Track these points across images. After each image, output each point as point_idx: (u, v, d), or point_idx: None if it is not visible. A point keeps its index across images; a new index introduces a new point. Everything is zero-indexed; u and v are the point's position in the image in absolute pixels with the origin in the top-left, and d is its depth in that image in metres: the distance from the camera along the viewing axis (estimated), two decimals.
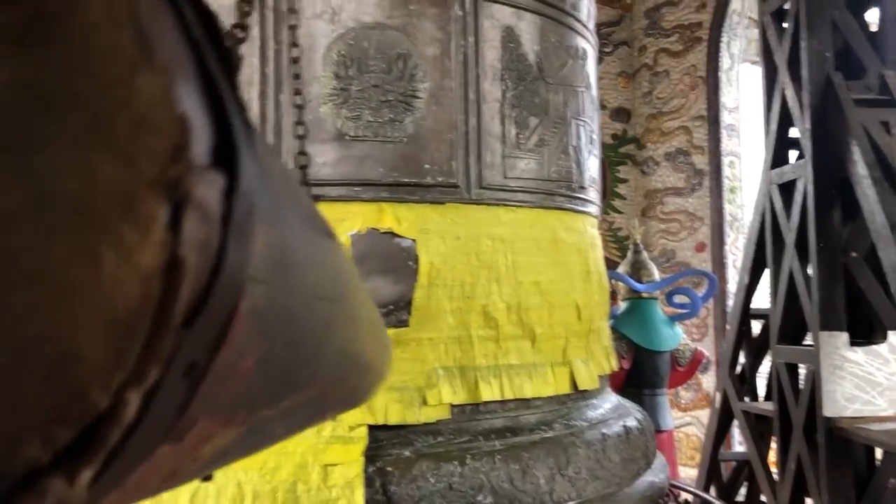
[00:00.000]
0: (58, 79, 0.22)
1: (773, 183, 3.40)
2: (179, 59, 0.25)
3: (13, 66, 0.21)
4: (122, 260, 0.22)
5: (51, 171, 0.22)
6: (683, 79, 6.96)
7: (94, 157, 0.22)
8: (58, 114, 0.22)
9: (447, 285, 2.10)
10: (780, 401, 3.32)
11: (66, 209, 0.22)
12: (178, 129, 0.23)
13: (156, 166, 0.23)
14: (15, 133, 0.21)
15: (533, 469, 2.04)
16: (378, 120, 2.07)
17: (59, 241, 0.22)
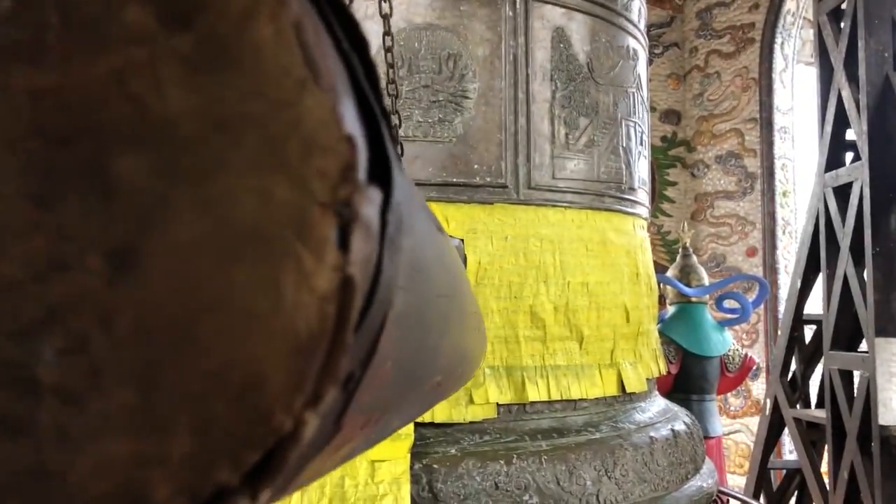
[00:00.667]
0: (231, 103, 0.22)
1: (828, 186, 3.33)
2: (340, 76, 0.25)
3: (188, 92, 0.22)
4: (300, 284, 0.23)
5: (228, 197, 0.22)
6: (735, 80, 6.85)
7: (268, 180, 0.22)
8: (232, 139, 0.22)
9: (494, 285, 2.10)
10: (833, 408, 3.25)
11: (246, 235, 0.22)
12: (346, 150, 0.24)
13: (327, 188, 0.23)
14: (192, 161, 0.22)
15: (579, 470, 2.03)
16: (428, 120, 2.09)
17: (241, 269, 0.22)
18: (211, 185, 0.22)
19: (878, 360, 2.89)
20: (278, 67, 0.23)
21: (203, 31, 0.22)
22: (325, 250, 0.23)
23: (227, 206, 0.22)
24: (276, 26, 0.23)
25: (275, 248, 0.23)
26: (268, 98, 0.23)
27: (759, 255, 6.70)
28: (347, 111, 0.24)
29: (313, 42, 0.23)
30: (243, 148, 0.22)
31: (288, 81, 0.23)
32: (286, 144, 0.23)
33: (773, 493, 4.04)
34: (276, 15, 0.23)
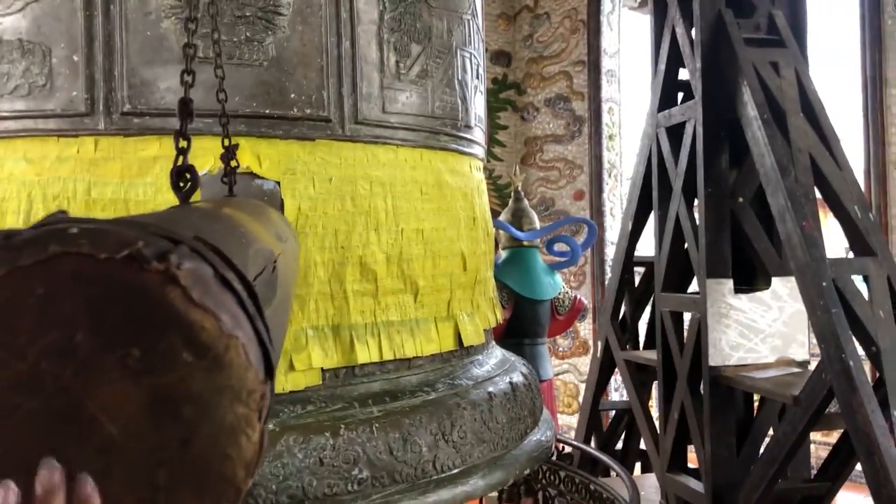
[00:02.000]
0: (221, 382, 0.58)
1: (661, 126, 3.31)
2: (255, 349, 0.61)
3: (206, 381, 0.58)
4: (248, 441, 0.59)
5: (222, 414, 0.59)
6: (564, 22, 6.84)
7: (236, 406, 0.58)
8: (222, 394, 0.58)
9: (318, 234, 1.84)
10: (665, 350, 3.28)
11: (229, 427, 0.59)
12: (262, 388, 0.59)
13: (255, 403, 0.58)
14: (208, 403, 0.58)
15: (414, 436, 1.85)
16: (233, 39, 1.76)
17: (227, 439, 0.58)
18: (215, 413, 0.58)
19: (709, 302, 2.91)
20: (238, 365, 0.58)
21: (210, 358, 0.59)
22: (255, 426, 0.59)
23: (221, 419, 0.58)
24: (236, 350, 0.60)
25: (238, 432, 0.58)
26: (234, 377, 0.58)
27: (586, 198, 6.83)
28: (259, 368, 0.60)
29: (249, 348, 0.59)
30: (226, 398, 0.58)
31: (241, 369, 0.58)
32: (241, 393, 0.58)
33: (602, 434, 4.10)
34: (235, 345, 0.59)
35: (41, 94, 1.70)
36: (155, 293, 0.57)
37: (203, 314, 0.57)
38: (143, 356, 0.56)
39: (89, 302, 0.57)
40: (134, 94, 1.70)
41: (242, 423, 0.58)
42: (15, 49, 1.70)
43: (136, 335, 0.57)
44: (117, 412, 0.57)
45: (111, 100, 1.69)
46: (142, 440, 0.57)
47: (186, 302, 0.57)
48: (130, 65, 1.71)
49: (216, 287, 0.61)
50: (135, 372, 0.56)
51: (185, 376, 0.56)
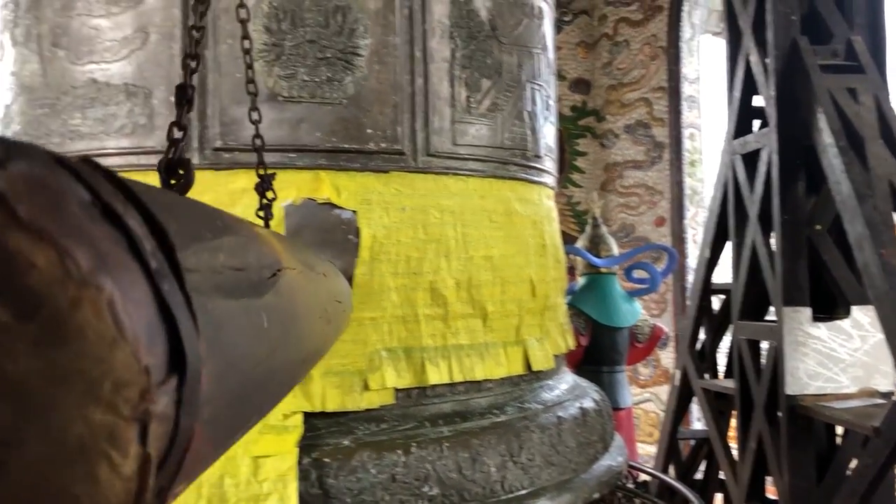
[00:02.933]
0: (64, 364, 0.34)
1: (736, 153, 3.29)
2: (144, 315, 0.38)
3: (34, 359, 0.34)
4: (111, 474, 0.36)
5: (63, 425, 0.35)
6: (644, 49, 6.84)
7: (90, 410, 0.35)
8: (65, 387, 0.35)
9: (391, 260, 1.94)
10: (742, 378, 3.24)
11: (75, 448, 0.35)
12: (143, 380, 0.37)
13: (130, 408, 0.36)
14: (38, 404, 0.34)
15: (483, 456, 1.91)
16: (315, 79, 1.90)
17: (72, 470, 0.35)
18: (51, 419, 0.34)
19: (785, 330, 2.87)
20: (96, 335, 0.35)
21: (44, 320, 0.34)
22: (129, 448, 0.36)
23: (62, 431, 0.34)
24: (94, 307, 0.35)
25: (94, 454, 0.35)
26: (89, 357, 0.35)
27: (667, 224, 6.76)
28: (147, 349, 0.37)
29: (121, 308, 0.36)
30: (73, 393, 0.35)
31: (103, 343, 0.35)
32: (102, 385, 0.35)
33: (681, 463, 4.04)
34: (94, 300, 0.35)
35: (143, 132, 1.86)
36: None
37: (36, 244, 0.34)
38: None
39: None
40: (224, 131, 1.85)
41: (102, 438, 0.36)
42: (121, 92, 1.87)
43: None
44: None
45: (204, 137, 1.84)
46: None
47: (6, 219, 0.34)
48: (222, 104, 1.85)
49: (76, 210, 0.37)
50: None
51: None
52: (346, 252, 1.90)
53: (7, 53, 2.03)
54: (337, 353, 1.87)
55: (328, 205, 1.90)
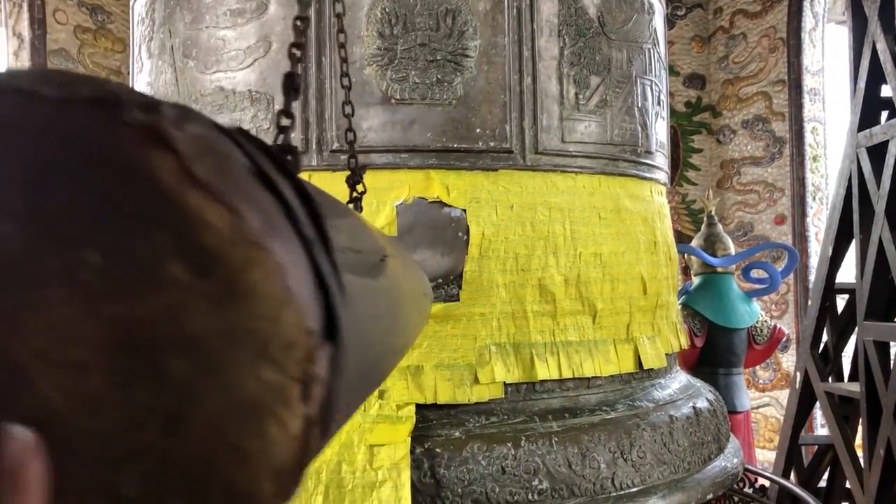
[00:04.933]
0: (237, 323, 0.36)
1: (861, 146, 3.14)
2: (305, 280, 0.39)
3: (210, 316, 0.35)
4: (280, 431, 0.38)
5: (238, 379, 0.36)
6: (762, 41, 6.59)
7: (262, 369, 0.37)
8: (239, 345, 0.36)
9: (500, 257, 1.98)
10: (868, 382, 3.08)
11: (248, 404, 0.37)
12: (309, 342, 0.38)
13: (298, 369, 0.38)
14: (214, 360, 0.36)
15: (593, 453, 1.92)
16: (425, 81, 1.96)
17: (245, 423, 0.37)
18: (226, 376, 0.36)
19: None
20: (267, 296, 0.37)
21: (218, 278, 0.35)
22: (295, 407, 0.38)
23: (236, 388, 0.36)
24: (265, 269, 0.36)
25: (265, 411, 0.37)
26: (261, 317, 0.36)
27: (787, 222, 6.49)
28: (311, 314, 0.39)
29: (290, 273, 0.38)
30: (246, 351, 0.36)
31: (273, 304, 0.37)
32: (272, 345, 0.37)
33: (804, 470, 3.89)
34: (264, 261, 0.36)
35: (265, 137, 1.96)
36: (133, 157, 0.34)
37: (211, 204, 0.35)
38: (106, 264, 0.34)
39: (23, 167, 0.35)
40: (341, 133, 1.93)
41: (272, 397, 0.37)
42: (245, 99, 1.99)
43: (97, 227, 0.34)
44: (60, 362, 0.34)
45: (322, 139, 1.93)
46: (99, 413, 0.35)
47: (183, 178, 0.35)
48: (338, 108, 1.94)
49: (242, 174, 0.38)
50: (91, 291, 0.34)
51: (174, 305, 0.35)
52: (456, 249, 1.95)
53: (144, 66, 2.19)
54: (448, 346, 1.93)
55: (438, 203, 1.95)
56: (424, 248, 1.94)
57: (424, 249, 1.93)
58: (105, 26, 6.23)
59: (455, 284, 1.94)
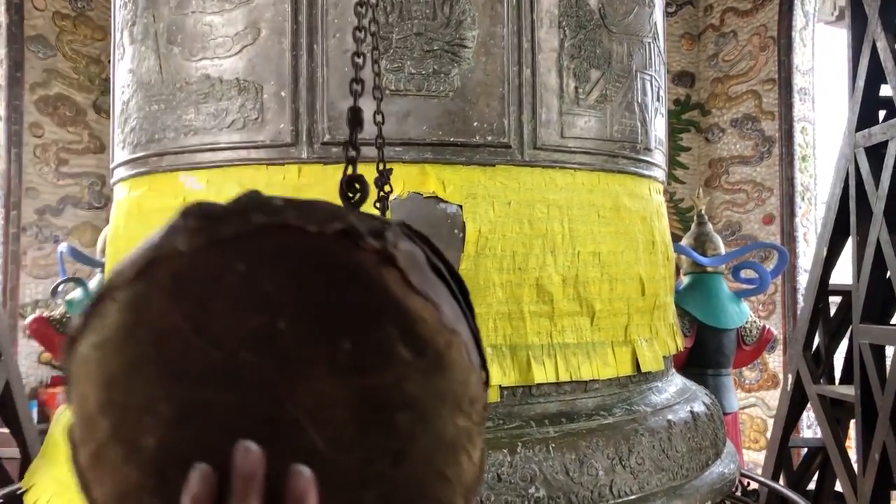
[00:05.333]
0: (441, 387, 0.50)
1: (860, 146, 3.10)
2: (476, 350, 0.55)
3: (424, 383, 0.50)
4: (469, 462, 0.53)
5: (443, 426, 0.51)
6: (752, 39, 6.56)
7: (458, 417, 0.51)
8: (442, 401, 0.50)
9: (497, 256, 1.91)
10: (864, 385, 3.04)
11: (449, 443, 0.51)
12: (485, 397, 0.54)
13: (479, 416, 0.53)
14: (426, 411, 0.50)
15: (591, 459, 1.86)
16: (421, 72, 1.88)
17: (446, 456, 0.52)
18: (435, 423, 0.51)
19: None
20: (460, 367, 0.52)
21: (429, 356, 0.50)
22: (477, 443, 0.53)
23: (441, 432, 0.51)
24: (458, 348, 0.52)
25: (460, 448, 0.52)
26: (456, 381, 0.51)
27: (776, 222, 6.48)
28: (481, 374, 0.55)
29: (471, 348, 0.53)
30: (447, 405, 0.51)
31: (464, 372, 0.52)
32: (463, 400, 0.52)
33: (793, 472, 3.85)
34: (458, 342, 0.52)
35: (254, 126, 1.89)
36: (370, 274, 0.49)
37: (423, 303, 0.50)
38: (354, 349, 0.48)
39: (295, 282, 0.49)
40: (333, 125, 1.85)
41: (464, 437, 0.51)
42: (233, 87, 1.90)
43: (347, 324, 0.48)
44: (322, 417, 0.49)
45: (313, 131, 1.85)
46: (349, 452, 0.49)
47: (404, 287, 0.50)
48: (330, 98, 1.86)
49: (430, 274, 0.54)
50: (344, 368, 0.48)
51: (401, 376, 0.49)
52: (451, 246, 1.88)
53: (126, 52, 2.10)
54: None
55: (434, 199, 1.88)
56: None
57: None
58: (85, 13, 6.10)
59: None
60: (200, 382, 0.49)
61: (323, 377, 0.49)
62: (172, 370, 0.49)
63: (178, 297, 0.49)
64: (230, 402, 0.49)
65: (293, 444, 0.49)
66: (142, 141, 2.02)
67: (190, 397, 0.49)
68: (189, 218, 0.50)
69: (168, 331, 0.49)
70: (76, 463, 0.52)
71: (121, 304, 0.50)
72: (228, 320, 0.48)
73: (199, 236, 0.49)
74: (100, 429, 0.50)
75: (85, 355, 0.51)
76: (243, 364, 0.48)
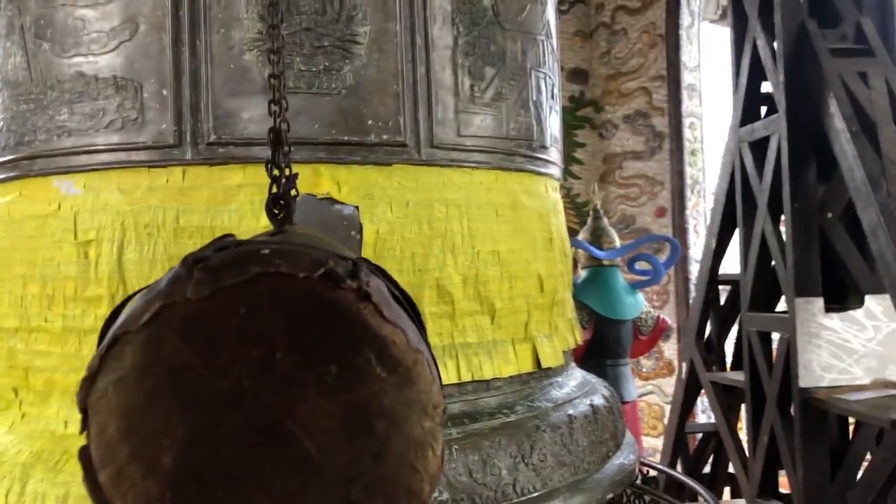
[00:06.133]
0: (410, 396, 0.63)
1: (744, 141, 3.22)
2: (434, 364, 0.69)
3: (396, 395, 0.62)
4: (433, 456, 0.65)
5: (411, 428, 0.63)
6: (642, 37, 6.76)
7: (424, 420, 0.63)
8: (411, 408, 0.62)
9: (396, 257, 1.87)
10: (752, 371, 3.17)
11: (418, 441, 0.63)
12: (443, 400, 0.67)
13: (440, 418, 0.66)
14: (398, 418, 0.62)
15: (494, 459, 1.84)
16: (312, 69, 1.82)
17: (415, 452, 0.63)
18: (405, 426, 0.63)
19: (798, 321, 2.81)
20: (425, 379, 0.65)
21: (400, 372, 0.63)
22: (440, 440, 0.67)
23: (410, 433, 0.63)
24: (422, 364, 0.66)
25: (426, 445, 0.64)
26: (423, 391, 0.65)
27: (668, 215, 6.70)
28: (439, 383, 0.71)
29: (431, 364, 0.67)
30: (416, 412, 0.63)
31: (427, 383, 0.65)
32: (428, 407, 0.65)
33: (689, 457, 3.99)
34: (422, 360, 0.66)
35: (133, 127, 1.78)
36: (350, 309, 0.62)
37: (393, 329, 0.63)
38: (340, 372, 0.60)
39: (288, 319, 0.61)
40: (218, 125, 1.77)
41: (429, 436, 0.63)
42: (110, 86, 1.79)
43: (333, 351, 0.61)
44: (314, 428, 0.59)
45: (198, 131, 1.76)
46: (337, 456, 0.60)
47: (378, 318, 0.62)
48: (215, 97, 1.77)
49: (395, 304, 0.67)
50: (332, 388, 0.60)
51: (378, 391, 0.61)
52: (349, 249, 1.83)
53: None
54: None
55: (329, 200, 1.82)
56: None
57: None
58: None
59: None
60: (211, 407, 0.59)
61: (314, 396, 0.60)
62: (186, 399, 0.59)
63: (188, 337, 0.60)
64: (237, 422, 0.59)
65: (291, 452, 0.59)
66: (10, 143, 1.88)
67: (202, 420, 0.59)
68: (192, 269, 0.62)
69: (180, 366, 0.60)
70: (91, 482, 0.62)
71: (136, 346, 0.61)
72: (232, 354, 0.60)
73: (203, 285, 0.61)
74: (120, 452, 0.60)
75: (103, 390, 0.61)
76: (247, 389, 0.59)
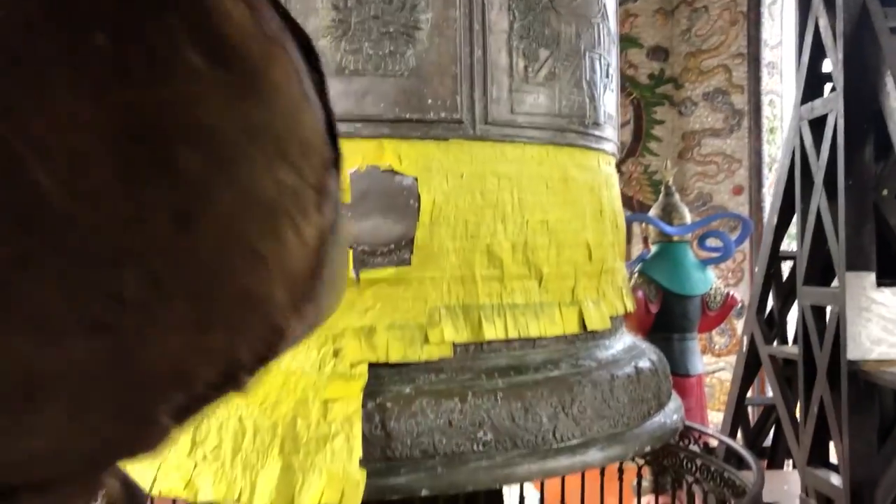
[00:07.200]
0: (255, 118, 0.34)
1: (804, 119, 3.27)
2: (316, 91, 0.38)
3: (228, 110, 0.33)
4: (295, 236, 0.35)
5: (254, 176, 0.34)
6: (723, 14, 6.69)
7: (279, 168, 0.35)
8: (256, 141, 0.34)
9: (450, 224, 2.06)
10: (805, 344, 3.24)
11: (263, 205, 0.34)
12: (327, 150, 0.38)
13: (314, 175, 0.36)
14: (230, 156, 0.33)
15: (535, 407, 2.02)
16: (378, 52, 2.02)
17: (259, 228, 0.34)
18: (242, 172, 0.34)
19: (848, 295, 2.87)
20: (286, 95, 0.36)
21: (239, 71, 0.34)
22: (311, 213, 0.36)
23: (251, 185, 0.34)
24: (284, 68, 0.35)
25: (280, 213, 0.35)
26: (280, 114, 0.35)
27: (745, 193, 6.66)
28: (323, 120, 0.38)
29: (305, 79, 0.37)
30: (263, 148, 0.34)
31: (292, 104, 0.36)
32: (290, 145, 0.36)
33: (749, 430, 4.06)
34: (283, 60, 0.35)
35: None
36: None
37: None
38: (114, 48, 0.31)
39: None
40: None
41: (289, 200, 0.35)
42: None
43: (104, 8, 0.32)
44: (59, 151, 0.30)
45: None
46: (98, 207, 0.31)
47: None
48: None
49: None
50: (96, 77, 0.31)
51: (189, 94, 0.33)
52: (408, 216, 2.03)
53: None
54: (399, 308, 2.01)
55: (391, 172, 2.03)
56: (378, 214, 2.02)
57: (377, 216, 2.02)
58: None
59: (407, 249, 2.02)
60: None
61: (61, 88, 0.31)
62: None
63: None
64: None
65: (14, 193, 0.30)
66: None
67: None
68: None
69: None
70: None
71: None
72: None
73: None
74: None
75: None
76: None
